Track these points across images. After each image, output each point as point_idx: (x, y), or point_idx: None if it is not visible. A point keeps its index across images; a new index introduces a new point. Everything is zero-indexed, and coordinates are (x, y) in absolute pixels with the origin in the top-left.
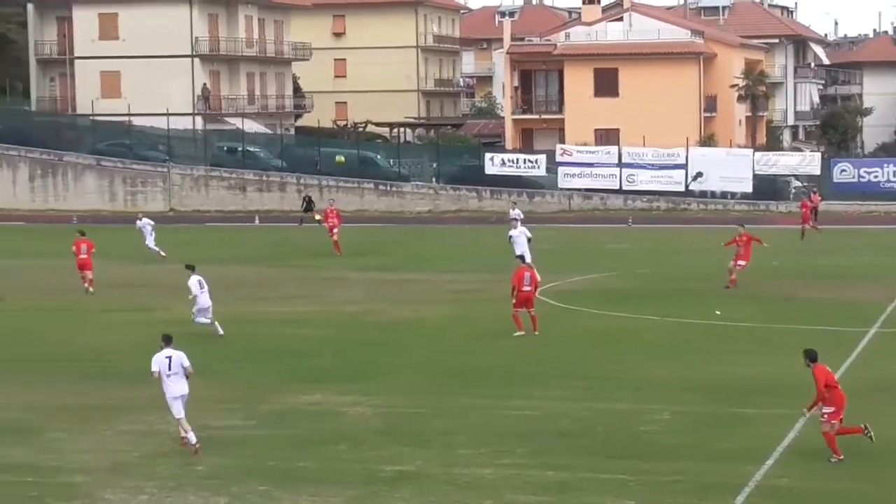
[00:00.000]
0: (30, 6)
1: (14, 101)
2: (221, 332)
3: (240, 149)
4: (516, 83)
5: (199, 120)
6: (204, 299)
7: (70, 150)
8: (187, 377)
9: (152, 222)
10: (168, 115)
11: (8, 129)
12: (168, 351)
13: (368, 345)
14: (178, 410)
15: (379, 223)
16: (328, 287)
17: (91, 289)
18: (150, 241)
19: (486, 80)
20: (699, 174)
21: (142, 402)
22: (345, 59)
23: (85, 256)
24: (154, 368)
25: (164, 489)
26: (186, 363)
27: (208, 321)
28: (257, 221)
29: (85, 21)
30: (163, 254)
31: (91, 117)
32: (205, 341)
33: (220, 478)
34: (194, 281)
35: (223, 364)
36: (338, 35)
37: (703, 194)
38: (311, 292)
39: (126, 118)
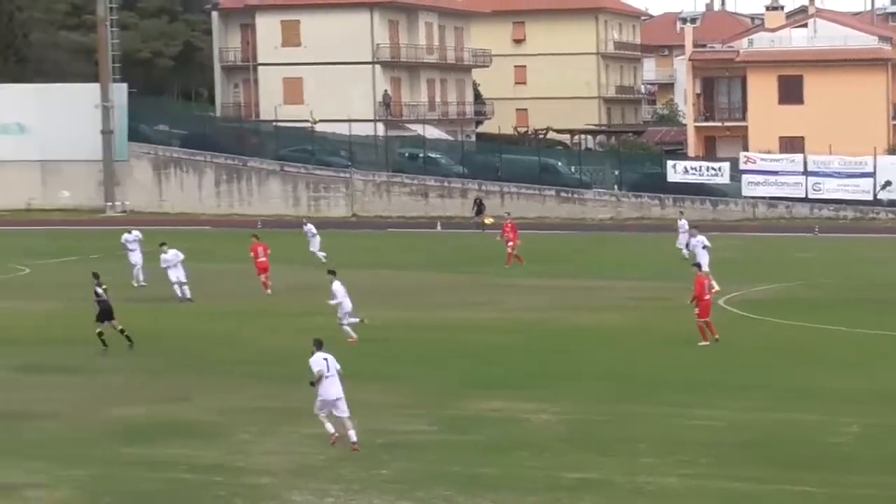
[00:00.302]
0: (214, 14)
1: (200, 108)
2: (361, 318)
3: (421, 155)
4: (698, 90)
5: (380, 126)
6: (347, 303)
7: (254, 156)
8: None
9: (314, 229)
10: (350, 121)
11: (194, 135)
12: (322, 353)
13: (549, 351)
14: (344, 410)
15: (560, 230)
16: (508, 293)
17: (268, 291)
18: (314, 247)
19: (667, 87)
20: (888, 183)
21: None
22: (525, 66)
23: (263, 259)
24: (318, 368)
25: (349, 492)
26: (338, 366)
27: (356, 320)
28: (439, 227)
29: (267, 28)
30: (323, 259)
31: (274, 123)
32: (384, 347)
33: (403, 482)
34: (339, 286)
35: (404, 369)
36: (518, 42)
37: (891, 203)
38: (492, 299)
39: (308, 124)
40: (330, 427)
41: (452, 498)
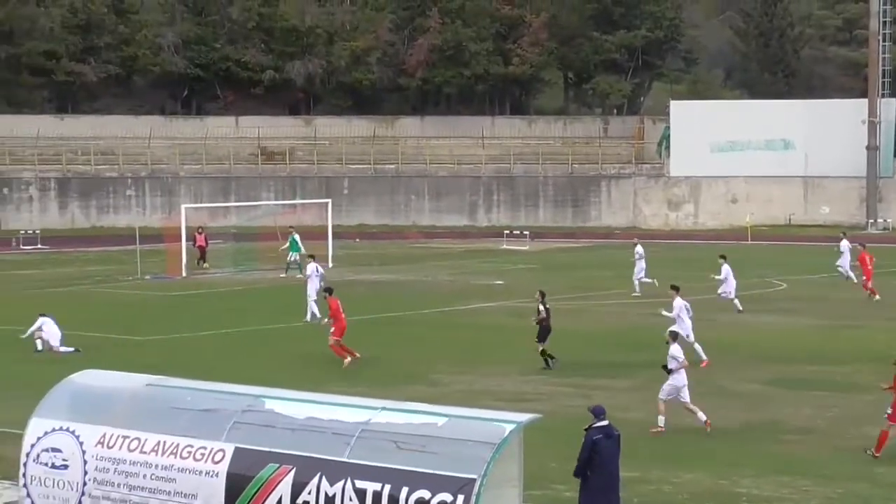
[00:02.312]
0: None
1: None
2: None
3: None
4: None
5: None
6: (688, 322)
7: None
8: None
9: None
10: None
11: None
12: (678, 345)
13: None
14: (686, 397)
15: None
16: None
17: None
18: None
19: None
20: None
21: None
22: None
23: None
24: (683, 358)
25: None
26: None
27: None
28: None
29: None
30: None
31: None
32: None
33: None
34: (679, 302)
35: None
36: None
37: None
38: None
39: None
40: (662, 420)
41: None
